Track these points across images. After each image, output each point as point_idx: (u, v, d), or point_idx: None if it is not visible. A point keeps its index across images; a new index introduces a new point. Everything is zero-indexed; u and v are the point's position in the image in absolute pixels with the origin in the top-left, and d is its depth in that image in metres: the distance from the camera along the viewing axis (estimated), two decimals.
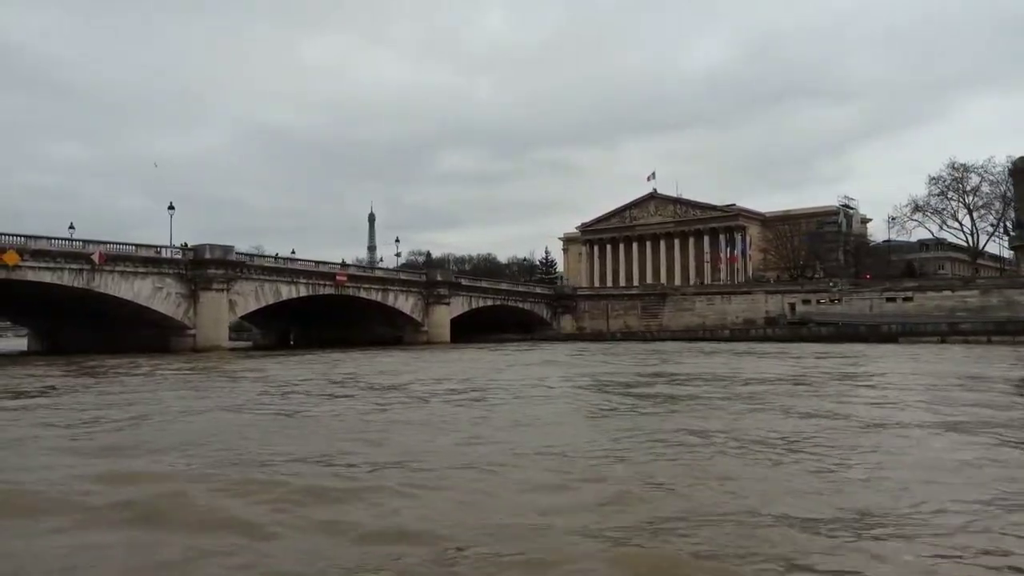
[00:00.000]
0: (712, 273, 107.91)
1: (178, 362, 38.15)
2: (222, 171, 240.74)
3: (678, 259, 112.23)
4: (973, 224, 73.48)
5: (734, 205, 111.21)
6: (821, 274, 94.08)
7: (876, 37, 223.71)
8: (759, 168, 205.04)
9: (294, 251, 72.95)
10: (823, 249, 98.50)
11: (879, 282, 69.95)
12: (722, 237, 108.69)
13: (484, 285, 78.01)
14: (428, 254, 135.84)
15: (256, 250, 77.36)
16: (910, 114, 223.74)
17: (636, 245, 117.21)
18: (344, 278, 62.01)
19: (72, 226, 60.47)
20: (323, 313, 66.97)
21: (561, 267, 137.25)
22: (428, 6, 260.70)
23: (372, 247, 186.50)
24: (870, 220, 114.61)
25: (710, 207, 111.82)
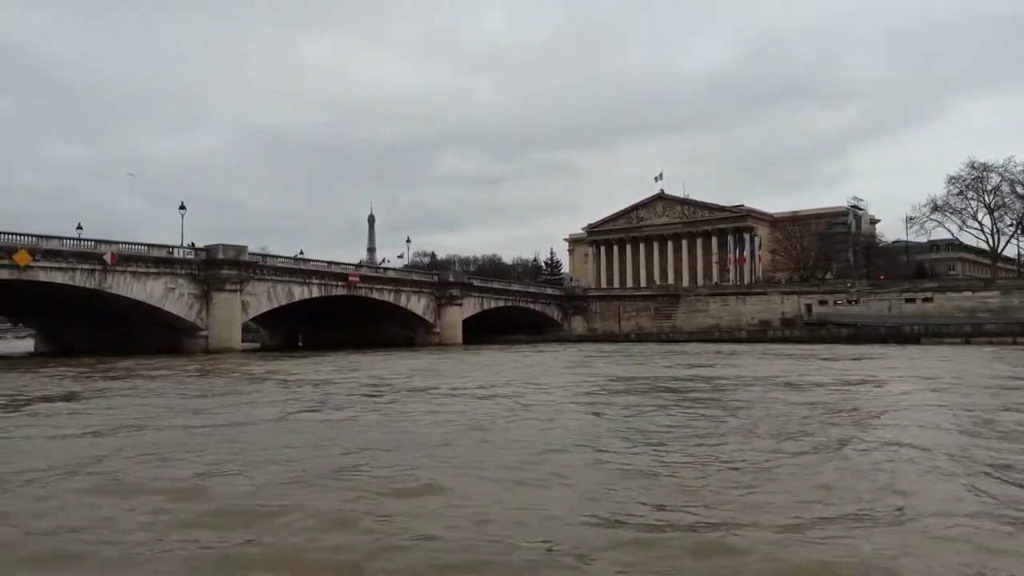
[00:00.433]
0: (720, 274, 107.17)
1: (199, 364, 37.25)
2: (222, 172, 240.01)
3: (686, 260, 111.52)
4: (993, 224, 72.66)
5: (742, 206, 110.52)
6: (831, 275, 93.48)
7: (876, 37, 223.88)
8: (759, 169, 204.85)
9: (302, 251, 72.10)
10: (833, 250, 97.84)
11: (897, 283, 69.22)
12: (730, 238, 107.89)
13: (496, 286, 77.20)
14: (433, 255, 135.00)
15: (261, 251, 76.47)
16: (910, 114, 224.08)
17: (643, 246, 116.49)
18: (357, 279, 61.15)
19: (80, 226, 59.48)
20: (332, 314, 66.03)
21: (566, 268, 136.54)
22: (428, 6, 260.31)
23: (372, 248, 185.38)
24: (879, 220, 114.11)
25: (718, 208, 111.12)
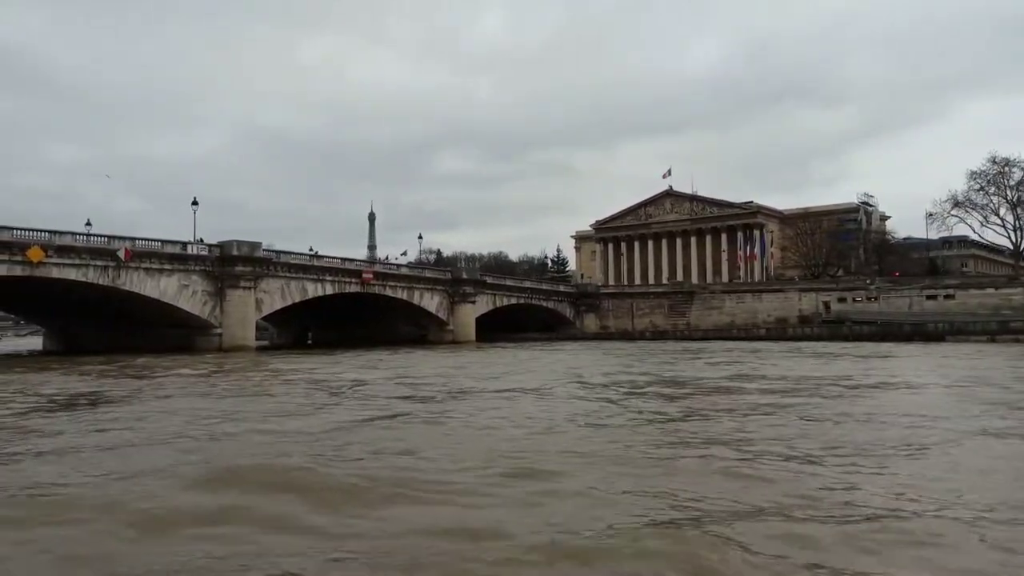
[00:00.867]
0: (730, 271, 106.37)
1: (220, 363, 36.35)
2: (221, 172, 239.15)
3: (695, 257, 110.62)
4: (1016, 220, 71.69)
5: (752, 202, 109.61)
6: (842, 272, 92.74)
7: (875, 38, 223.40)
8: (757, 169, 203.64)
9: (312, 248, 71.19)
10: (845, 247, 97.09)
11: (917, 279, 68.43)
12: (740, 235, 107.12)
13: (508, 283, 76.32)
14: (439, 252, 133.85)
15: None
16: (909, 115, 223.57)
17: (652, 243, 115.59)
18: (371, 276, 60.26)
19: (89, 222, 58.66)
20: (342, 312, 65.02)
21: (573, 265, 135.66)
22: (427, 6, 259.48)
23: (372, 246, 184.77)
24: (889, 217, 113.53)
25: (728, 204, 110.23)
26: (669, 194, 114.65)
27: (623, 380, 24.70)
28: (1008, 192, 71.20)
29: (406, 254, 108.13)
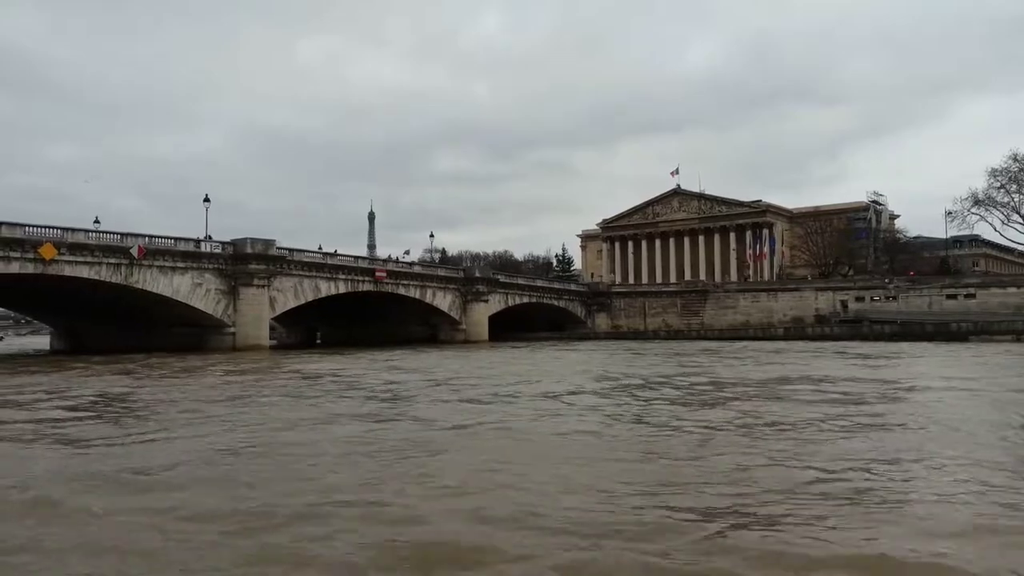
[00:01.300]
0: (739, 270, 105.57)
1: (241, 363, 35.41)
2: (221, 172, 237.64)
3: (703, 255, 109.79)
4: None
5: (761, 201, 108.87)
6: (851, 271, 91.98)
7: (873, 38, 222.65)
8: (756, 169, 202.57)
9: (321, 246, 70.16)
10: (856, 245, 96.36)
11: (937, 279, 67.71)
12: (749, 233, 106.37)
13: (521, 282, 75.50)
14: (443, 251, 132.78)
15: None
16: (907, 115, 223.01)
17: (659, 241, 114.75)
18: (384, 274, 59.36)
19: (97, 220, 57.64)
20: (351, 311, 64.02)
21: (578, 264, 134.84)
22: (425, 7, 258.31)
23: (372, 245, 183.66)
24: (898, 216, 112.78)
25: (736, 203, 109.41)
26: (677, 192, 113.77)
27: (677, 383, 23.84)
28: None
29: (409, 253, 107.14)
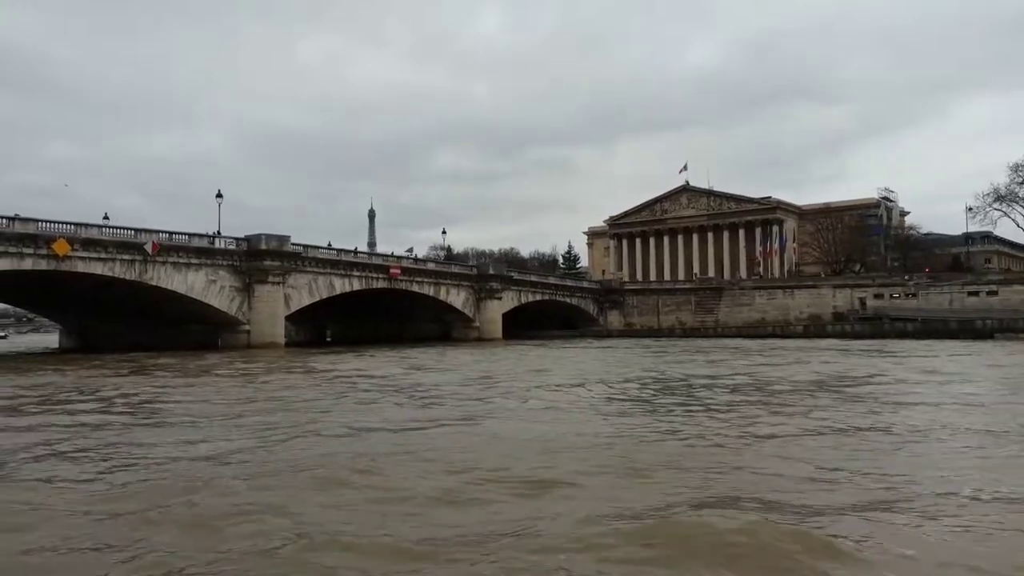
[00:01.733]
0: (749, 267, 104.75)
1: (262, 361, 34.52)
2: (220, 170, 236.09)
3: (712, 252, 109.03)
4: None
5: (771, 197, 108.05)
6: (862, 268, 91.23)
7: (873, 37, 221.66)
8: (756, 169, 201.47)
9: (330, 243, 69.19)
10: (868, 242, 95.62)
11: (958, 276, 66.94)
12: (758, 230, 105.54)
13: (533, 279, 74.73)
14: (449, 248, 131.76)
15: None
16: (907, 114, 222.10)
17: (668, 238, 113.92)
18: (398, 271, 58.48)
19: (106, 216, 56.72)
20: (362, 309, 63.08)
21: (585, 261, 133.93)
22: (425, 6, 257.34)
23: (372, 243, 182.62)
24: (908, 212, 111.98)
25: (746, 199, 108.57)
26: (686, 189, 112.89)
27: (731, 382, 23.00)
28: None
29: (412, 250, 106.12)
